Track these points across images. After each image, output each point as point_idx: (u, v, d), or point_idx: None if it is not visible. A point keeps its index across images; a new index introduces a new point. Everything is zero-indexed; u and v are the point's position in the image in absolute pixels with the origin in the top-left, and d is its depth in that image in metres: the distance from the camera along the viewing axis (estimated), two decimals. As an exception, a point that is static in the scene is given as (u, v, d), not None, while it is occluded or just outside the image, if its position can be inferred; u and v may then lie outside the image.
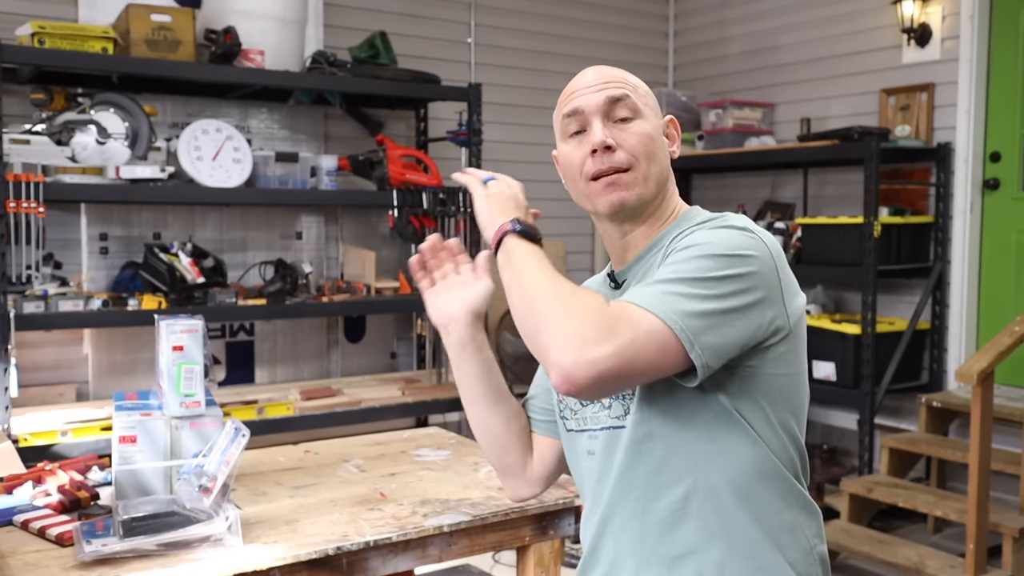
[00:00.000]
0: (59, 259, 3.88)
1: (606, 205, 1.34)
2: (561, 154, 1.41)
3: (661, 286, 1.18)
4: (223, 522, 1.60)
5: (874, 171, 4.10)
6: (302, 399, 4.00)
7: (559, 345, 1.14)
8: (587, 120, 1.36)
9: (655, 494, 1.28)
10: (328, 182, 4.13)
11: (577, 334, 1.13)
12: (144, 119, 3.76)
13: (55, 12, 3.91)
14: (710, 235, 1.25)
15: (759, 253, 1.24)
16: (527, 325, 1.20)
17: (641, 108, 1.36)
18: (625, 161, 1.33)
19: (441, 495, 1.91)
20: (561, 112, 1.40)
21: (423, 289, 1.60)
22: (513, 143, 5.16)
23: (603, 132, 1.33)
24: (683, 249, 1.23)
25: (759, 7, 5.26)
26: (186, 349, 1.83)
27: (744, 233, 1.25)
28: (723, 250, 1.21)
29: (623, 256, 1.41)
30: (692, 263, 1.20)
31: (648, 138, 1.35)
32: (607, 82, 1.37)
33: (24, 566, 1.52)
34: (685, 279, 1.18)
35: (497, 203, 1.36)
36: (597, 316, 1.15)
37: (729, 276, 1.19)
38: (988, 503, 3.23)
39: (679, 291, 1.17)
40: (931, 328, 4.46)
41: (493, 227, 1.33)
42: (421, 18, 4.88)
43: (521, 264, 1.27)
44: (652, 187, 1.35)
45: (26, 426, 3.41)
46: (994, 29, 4.34)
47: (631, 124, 1.35)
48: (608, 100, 1.35)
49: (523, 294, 1.23)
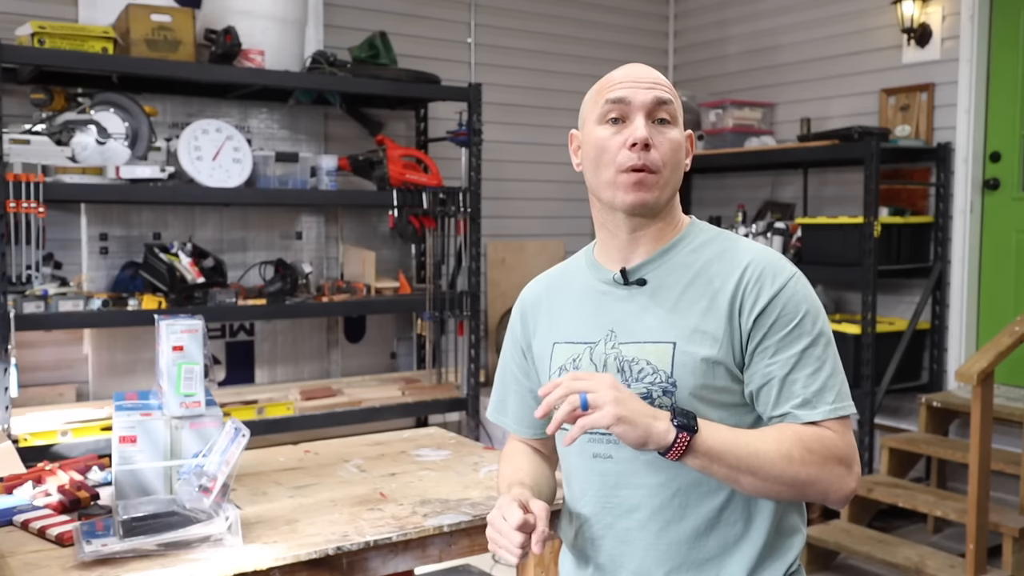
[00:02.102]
0: (59, 259, 3.88)
1: (628, 200, 1.36)
2: (590, 136, 1.41)
3: (828, 384, 1.31)
4: (223, 522, 1.60)
5: (874, 171, 4.10)
6: (302, 399, 4.00)
7: (834, 490, 1.29)
8: (631, 112, 1.37)
9: (696, 503, 1.33)
10: (328, 182, 4.13)
11: (836, 475, 1.28)
12: (144, 119, 3.76)
13: (55, 12, 3.91)
14: (808, 298, 1.36)
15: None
16: (784, 493, 1.29)
17: (678, 117, 1.41)
18: (657, 163, 1.36)
19: (441, 495, 1.91)
20: (604, 96, 1.40)
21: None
22: (513, 143, 5.16)
23: (647, 128, 1.36)
24: (797, 322, 1.33)
25: (759, 7, 5.26)
26: (186, 349, 1.83)
27: (806, 280, 1.39)
28: (818, 307, 1.36)
29: (630, 252, 1.42)
30: (820, 341, 1.34)
31: (679, 146, 1.40)
32: (655, 82, 1.39)
33: (24, 566, 1.52)
34: (829, 361, 1.33)
35: (632, 415, 1.21)
36: (826, 457, 1.28)
37: (827, 325, 1.37)
38: (988, 503, 3.23)
39: (835, 382, 1.32)
40: (931, 328, 4.46)
41: (658, 442, 1.22)
42: (421, 18, 4.88)
43: (725, 454, 1.25)
44: (668, 193, 1.40)
45: (26, 426, 3.41)
46: (994, 29, 4.34)
47: (668, 129, 1.38)
48: (656, 100, 1.37)
49: (761, 475, 1.26)
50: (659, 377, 1.34)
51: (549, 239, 5.33)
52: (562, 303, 1.49)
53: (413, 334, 4.84)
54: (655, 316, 1.37)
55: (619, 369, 1.36)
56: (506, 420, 1.60)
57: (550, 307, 1.51)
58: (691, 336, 1.33)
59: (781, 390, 1.31)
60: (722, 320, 1.33)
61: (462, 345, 4.47)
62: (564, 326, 1.46)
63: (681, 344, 1.33)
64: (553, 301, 1.51)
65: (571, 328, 1.45)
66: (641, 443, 1.21)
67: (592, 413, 1.20)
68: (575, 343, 1.43)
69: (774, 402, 1.32)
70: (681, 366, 1.33)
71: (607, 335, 1.39)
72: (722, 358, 1.33)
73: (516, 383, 1.57)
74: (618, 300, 1.41)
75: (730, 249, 1.39)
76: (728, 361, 1.33)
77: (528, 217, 5.28)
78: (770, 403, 1.32)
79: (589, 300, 1.44)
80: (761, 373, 1.32)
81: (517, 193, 5.21)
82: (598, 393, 1.21)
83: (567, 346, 1.45)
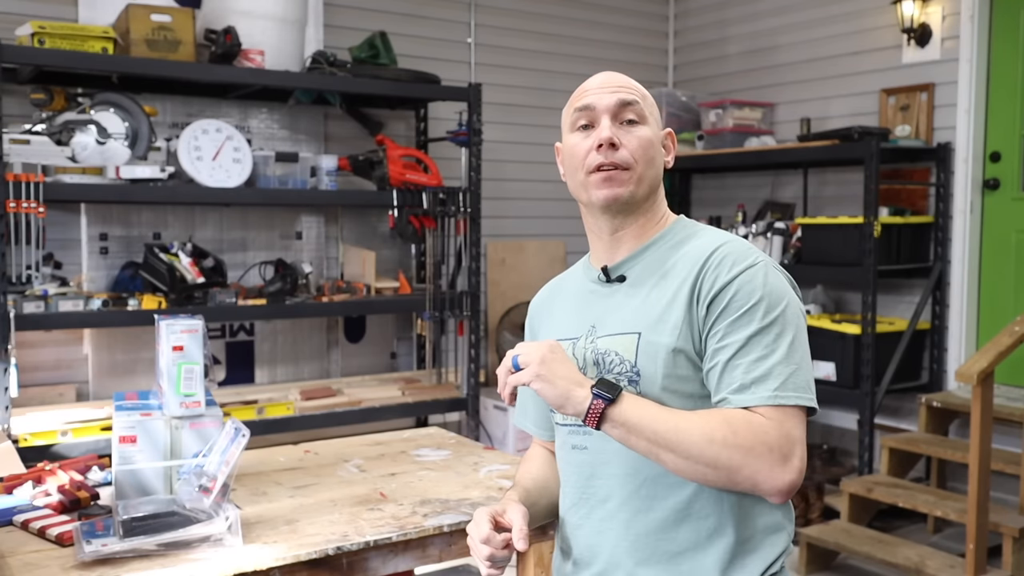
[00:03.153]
0: (59, 259, 3.88)
1: (600, 197, 1.41)
2: (566, 145, 1.49)
3: (772, 372, 1.28)
4: (223, 522, 1.60)
5: (874, 171, 4.10)
6: (302, 399, 4.00)
7: (764, 480, 1.26)
8: (597, 117, 1.44)
9: (663, 494, 1.34)
10: (328, 182, 4.13)
11: (766, 464, 1.25)
12: (144, 119, 3.76)
13: (55, 12, 3.91)
14: (769, 287, 1.33)
15: (787, 280, 1.39)
16: (710, 476, 1.27)
17: (647, 116, 1.45)
18: (625, 160, 1.41)
19: (441, 495, 1.91)
20: (573, 106, 1.48)
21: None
22: (513, 143, 5.16)
23: (610, 129, 1.41)
24: (748, 308, 1.31)
25: (759, 7, 5.26)
26: (186, 349, 1.83)
27: (779, 273, 1.38)
28: (779, 297, 1.34)
29: (613, 251, 1.47)
30: (773, 329, 1.31)
31: (649, 143, 1.44)
32: (620, 86, 1.46)
33: (24, 566, 1.52)
34: (779, 349, 1.30)
35: (552, 375, 1.31)
36: (754, 443, 1.25)
37: (792, 317, 1.34)
38: (988, 503, 3.23)
39: (783, 371, 1.29)
40: (931, 328, 4.46)
41: (575, 407, 1.30)
42: (421, 18, 4.88)
43: (643, 426, 1.28)
44: (644, 188, 1.44)
45: (26, 426, 3.41)
46: (994, 29, 4.34)
47: (636, 128, 1.43)
48: (619, 102, 1.43)
49: (681, 452, 1.26)
50: (625, 367, 1.37)
51: (549, 239, 5.33)
52: (560, 305, 1.56)
53: (413, 334, 4.84)
54: (629, 309, 1.41)
55: (595, 362, 1.41)
56: (527, 424, 1.65)
57: (551, 310, 1.58)
58: (654, 325, 1.36)
59: (722, 374, 1.31)
60: (682, 307, 1.35)
61: (462, 345, 4.47)
62: (559, 325, 1.52)
63: (645, 334, 1.37)
64: (554, 304, 1.58)
65: (563, 326, 1.51)
66: (559, 403, 1.30)
67: (521, 370, 1.31)
68: (564, 339, 1.47)
69: (715, 387, 1.32)
70: (644, 355, 1.36)
71: (588, 330, 1.45)
72: (682, 346, 1.34)
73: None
74: (601, 297, 1.47)
75: (705, 242, 1.42)
76: (688, 349, 1.34)
77: (528, 217, 5.28)
78: (712, 387, 1.32)
79: (579, 299, 1.51)
80: (709, 357, 1.33)
81: (517, 193, 5.21)
82: (527, 355, 1.32)
83: (559, 343, 1.48)
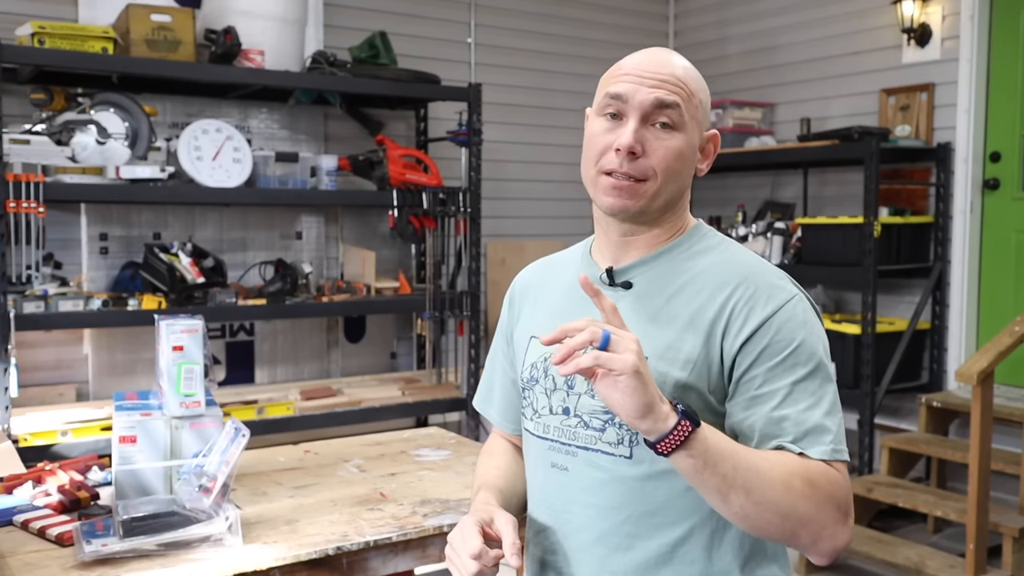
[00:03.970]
0: (59, 259, 3.88)
1: (606, 205, 1.27)
2: (589, 128, 1.31)
3: (824, 424, 1.16)
4: (223, 522, 1.60)
5: (874, 171, 4.10)
6: (302, 399, 4.00)
7: (825, 537, 1.15)
8: (627, 111, 1.25)
9: (648, 534, 1.22)
10: (328, 182, 4.13)
11: (831, 520, 1.14)
12: (144, 119, 3.76)
13: (55, 12, 3.91)
14: (808, 325, 1.21)
15: (815, 309, 1.27)
16: (774, 525, 1.13)
17: (686, 122, 1.26)
18: (644, 171, 1.24)
19: (441, 495, 1.91)
20: (607, 85, 1.29)
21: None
22: (513, 143, 5.16)
23: (634, 136, 1.23)
24: (790, 352, 1.18)
25: (759, 7, 5.26)
26: (186, 349, 1.83)
27: (809, 303, 1.25)
28: (818, 335, 1.22)
29: (620, 254, 1.32)
30: (817, 374, 1.19)
31: (677, 156, 1.25)
32: (664, 80, 1.25)
33: (24, 566, 1.52)
34: (826, 397, 1.18)
35: (648, 376, 1.08)
36: (827, 497, 1.14)
37: (827, 355, 1.23)
38: (988, 503, 3.23)
39: (832, 423, 1.17)
40: (931, 328, 4.46)
41: (656, 419, 1.08)
42: (421, 18, 4.88)
43: (723, 460, 1.10)
44: (659, 203, 1.27)
45: (26, 426, 3.41)
46: (994, 29, 4.34)
47: (667, 135, 1.25)
48: (655, 103, 1.24)
49: (756, 495, 1.11)
50: None
51: (549, 239, 5.32)
52: (548, 294, 1.41)
53: (413, 334, 4.84)
54: (634, 324, 1.23)
55: (586, 377, 1.18)
56: (491, 412, 1.50)
57: (537, 296, 1.43)
58: (664, 353, 1.21)
59: (767, 426, 1.16)
60: (699, 340, 1.21)
61: (462, 345, 4.47)
62: (544, 320, 1.37)
63: (652, 360, 1.20)
64: (541, 290, 1.43)
65: (549, 324, 1.29)
66: (641, 412, 1.06)
67: (611, 352, 1.06)
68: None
69: (759, 439, 1.17)
70: None
71: None
72: (694, 382, 1.19)
73: (502, 373, 1.49)
74: None
75: (727, 262, 1.27)
76: (701, 387, 1.20)
77: (528, 217, 5.28)
78: (754, 440, 1.17)
79: (572, 296, 1.33)
80: (745, 406, 1.18)
81: (517, 193, 5.21)
82: (625, 340, 1.07)
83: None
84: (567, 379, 1.26)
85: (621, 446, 1.23)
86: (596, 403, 1.24)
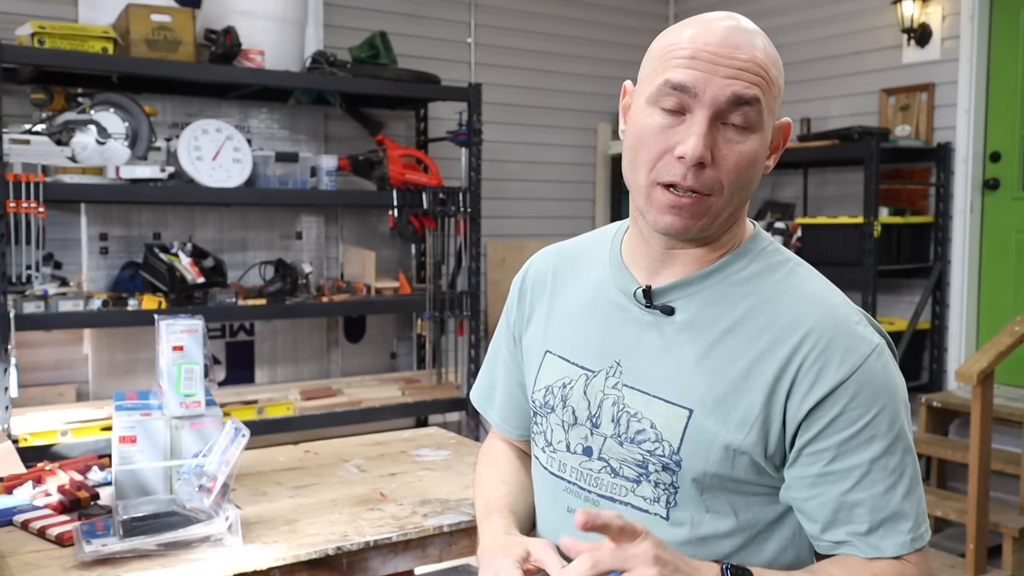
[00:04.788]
0: (59, 259, 3.88)
1: (661, 224, 1.05)
2: (637, 118, 1.06)
3: (904, 508, 1.01)
4: (223, 522, 1.60)
5: (874, 171, 4.10)
6: (302, 399, 4.00)
7: None
8: (693, 106, 1.01)
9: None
10: (328, 182, 4.13)
11: None
12: (144, 119, 3.76)
13: (55, 12, 3.91)
14: (889, 385, 1.03)
15: (895, 358, 1.10)
16: None
17: (764, 120, 1.04)
18: (710, 186, 1.02)
19: (441, 495, 1.91)
20: (666, 68, 1.02)
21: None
22: (513, 143, 5.16)
23: (704, 144, 1.00)
24: (869, 421, 1.00)
25: (759, 7, 5.26)
26: (186, 349, 1.83)
27: (891, 352, 1.08)
28: (900, 396, 1.05)
29: (660, 265, 1.11)
30: (898, 446, 1.02)
31: (751, 162, 1.04)
32: (743, 69, 1.01)
33: (24, 566, 1.52)
34: (906, 473, 1.02)
35: (675, 565, 0.93)
36: None
37: (908, 418, 1.06)
38: (988, 503, 3.23)
39: (913, 504, 1.01)
40: (931, 328, 4.46)
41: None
42: (421, 18, 4.88)
43: None
44: (723, 218, 1.06)
45: (26, 426, 3.41)
46: (994, 29, 4.34)
47: (742, 137, 1.03)
48: (733, 98, 1.01)
49: None
50: (661, 448, 1.05)
51: (549, 239, 5.31)
52: (568, 297, 1.20)
53: (413, 334, 4.84)
54: (676, 362, 1.06)
55: (615, 419, 1.08)
56: (491, 413, 1.36)
57: (553, 295, 1.22)
58: (715, 407, 1.02)
59: (838, 511, 1.00)
60: (759, 397, 1.01)
61: (462, 345, 4.47)
62: (563, 333, 1.18)
63: (699, 415, 1.03)
64: (559, 288, 1.22)
65: (570, 339, 1.16)
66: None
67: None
68: (570, 363, 1.15)
69: (826, 523, 1.01)
70: (692, 443, 1.03)
71: (611, 367, 1.10)
72: (749, 448, 1.02)
73: (506, 372, 1.32)
74: (635, 324, 1.11)
75: (794, 295, 1.05)
76: (756, 453, 1.02)
77: (528, 217, 5.28)
78: (820, 523, 1.02)
79: (600, 310, 1.14)
80: (811, 484, 1.01)
81: (517, 193, 5.21)
82: (637, 571, 0.90)
83: (560, 362, 1.17)
84: (590, 414, 1.10)
85: (657, 504, 1.06)
86: (628, 451, 1.07)
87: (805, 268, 1.11)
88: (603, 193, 5.39)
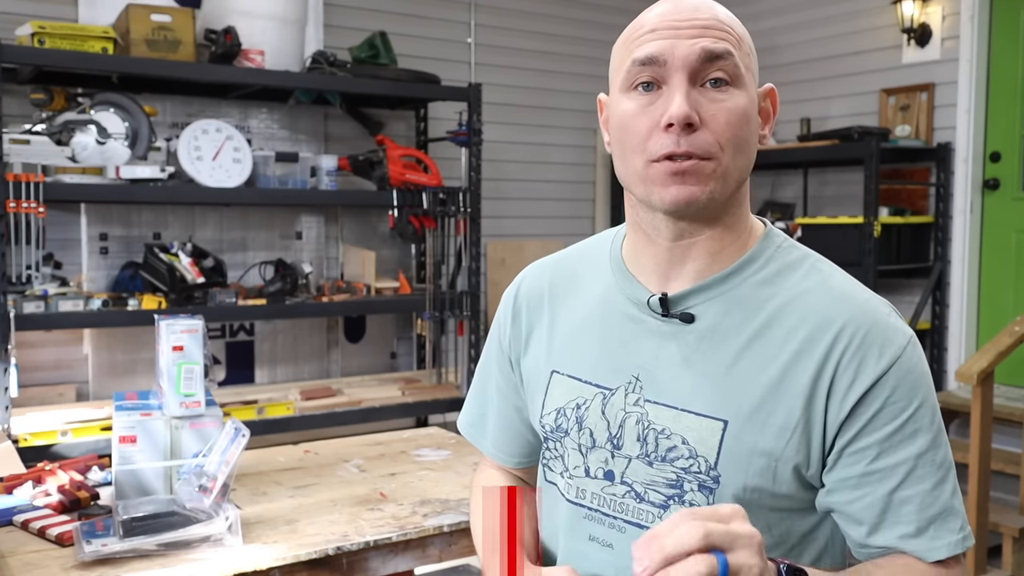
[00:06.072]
0: (59, 259, 3.88)
1: (669, 200, 0.97)
2: (617, 111, 1.02)
3: (952, 504, 0.96)
4: (223, 522, 1.60)
5: (874, 171, 4.10)
6: (302, 399, 4.00)
7: None
8: (666, 75, 0.97)
9: None
10: (328, 182, 4.13)
11: None
12: (144, 119, 3.76)
13: (55, 12, 3.91)
14: (926, 377, 0.98)
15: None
16: None
17: (743, 73, 0.99)
18: (707, 147, 0.96)
19: (441, 495, 1.91)
20: (630, 52, 1.00)
21: None
22: (513, 143, 5.16)
23: (687, 103, 0.95)
24: (912, 414, 0.95)
25: (759, 7, 5.26)
26: (186, 349, 1.83)
27: (918, 341, 1.02)
28: (932, 386, 1.00)
29: (672, 267, 1.03)
30: (940, 439, 0.97)
31: (743, 118, 0.98)
32: (706, 27, 0.97)
33: (24, 566, 1.52)
34: (950, 469, 0.97)
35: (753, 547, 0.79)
36: None
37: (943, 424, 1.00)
38: (988, 503, 3.23)
39: (958, 500, 0.97)
40: (931, 328, 4.46)
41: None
42: (421, 18, 4.88)
43: None
44: (731, 185, 0.99)
45: (26, 426, 3.41)
46: (994, 29, 4.34)
47: (726, 94, 0.97)
48: (704, 54, 0.96)
49: None
50: (696, 465, 0.98)
51: (549, 239, 5.32)
52: (570, 312, 1.11)
53: (413, 334, 4.84)
54: (702, 373, 0.99)
55: (640, 438, 1.00)
56: (484, 443, 1.24)
57: (553, 312, 1.13)
58: (751, 416, 0.96)
59: (886, 511, 0.95)
60: (799, 400, 0.95)
61: (462, 345, 4.47)
62: (570, 351, 1.09)
63: (735, 426, 0.96)
64: (558, 304, 1.13)
65: (579, 357, 1.08)
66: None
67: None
68: (583, 382, 1.06)
69: (873, 525, 0.95)
70: (730, 455, 0.96)
71: (629, 383, 1.03)
72: (791, 455, 0.96)
73: (500, 396, 1.22)
74: (652, 335, 1.03)
75: (822, 291, 1.01)
76: (799, 460, 0.96)
77: (528, 217, 5.28)
78: (867, 525, 0.96)
79: (609, 323, 1.06)
80: (855, 485, 0.96)
81: (517, 193, 5.21)
82: (742, 555, 0.77)
83: (570, 382, 1.08)
84: (610, 435, 1.03)
85: None
86: (659, 470, 1.00)
87: (826, 263, 1.08)
88: (603, 193, 5.39)
